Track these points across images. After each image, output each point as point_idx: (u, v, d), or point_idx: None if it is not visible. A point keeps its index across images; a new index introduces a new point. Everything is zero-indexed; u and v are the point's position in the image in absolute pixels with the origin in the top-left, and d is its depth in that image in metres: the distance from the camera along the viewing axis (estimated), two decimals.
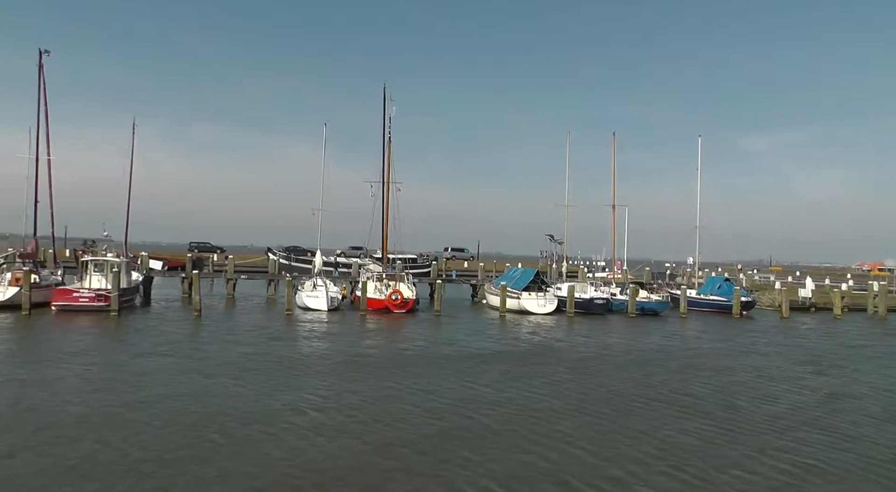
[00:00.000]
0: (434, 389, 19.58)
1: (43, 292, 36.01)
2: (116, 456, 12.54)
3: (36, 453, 12.61)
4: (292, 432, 14.48)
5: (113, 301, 34.61)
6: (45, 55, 41.09)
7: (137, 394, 17.57)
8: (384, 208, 46.21)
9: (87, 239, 51.31)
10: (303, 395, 18.23)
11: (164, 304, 41.52)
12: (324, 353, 25.73)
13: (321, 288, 40.69)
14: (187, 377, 20.02)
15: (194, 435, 14.00)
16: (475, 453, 13.40)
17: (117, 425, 14.55)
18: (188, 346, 26.24)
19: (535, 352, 27.53)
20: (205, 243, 77.76)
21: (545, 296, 42.91)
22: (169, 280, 52.18)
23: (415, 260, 61.59)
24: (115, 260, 38.27)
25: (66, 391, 17.96)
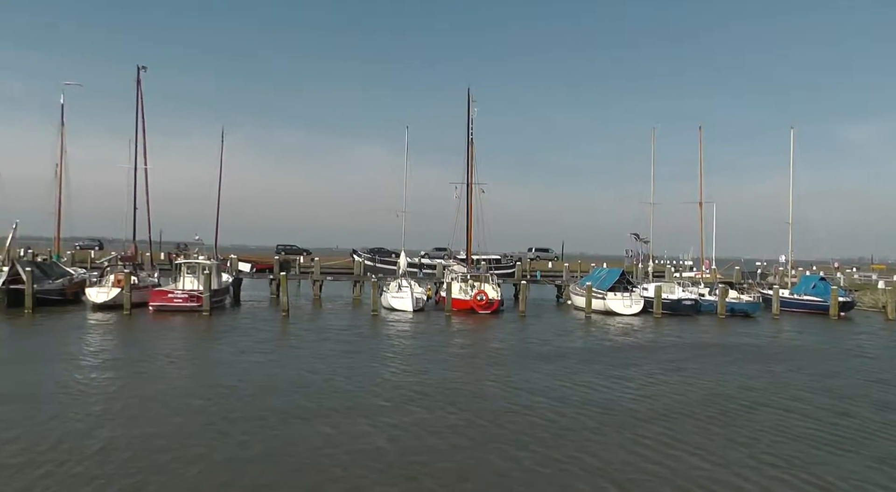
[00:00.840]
0: (531, 388, 19.49)
1: (141, 293, 37.66)
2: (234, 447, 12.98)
3: (165, 439, 13.47)
4: (400, 428, 14.84)
5: (205, 302, 35.93)
6: (142, 71, 43.27)
7: (239, 386, 18.25)
8: (468, 210, 46.49)
9: (180, 243, 53.45)
10: (404, 391, 18.63)
11: (253, 304, 42.74)
12: (415, 351, 26.19)
13: (406, 289, 41.07)
14: (292, 372, 20.82)
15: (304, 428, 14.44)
16: (584, 453, 13.26)
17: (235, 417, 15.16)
18: (283, 344, 27.20)
19: (627, 353, 27.02)
20: (291, 246, 79.68)
21: (631, 296, 42.18)
22: (257, 282, 53.71)
23: (499, 261, 61.57)
24: (207, 262, 39.65)
25: (181, 384, 19.19)
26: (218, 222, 49.58)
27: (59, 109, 47.74)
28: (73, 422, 14.76)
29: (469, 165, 46.58)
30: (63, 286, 39.58)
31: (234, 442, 13.57)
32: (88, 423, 14.69)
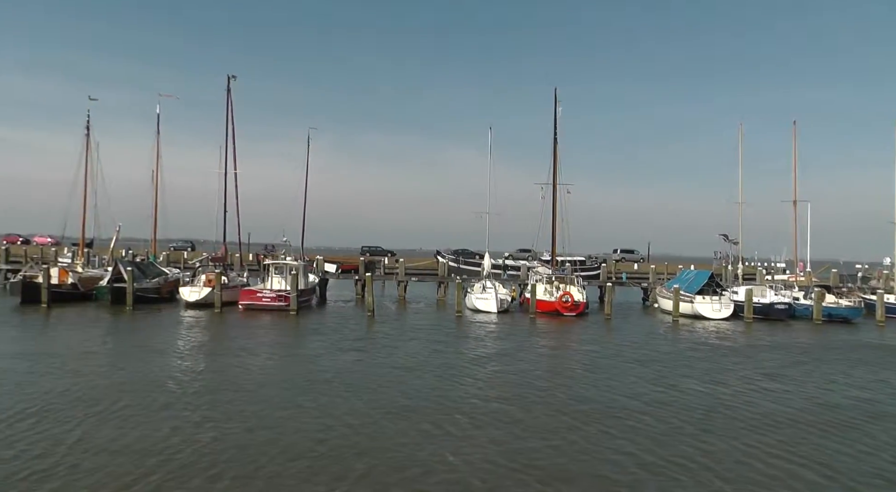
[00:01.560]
0: (629, 391, 19.10)
1: (231, 292, 38.82)
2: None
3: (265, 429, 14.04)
4: (499, 428, 14.81)
5: (292, 301, 36.74)
6: (232, 80, 44.89)
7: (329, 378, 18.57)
8: (553, 210, 46.07)
9: (268, 244, 54.80)
10: (500, 391, 18.61)
11: (338, 304, 43.42)
12: (505, 352, 26.20)
13: (491, 290, 40.90)
14: (384, 370, 21.09)
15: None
16: (690, 461, 12.87)
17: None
18: (372, 343, 27.48)
19: (721, 358, 26.10)
20: (376, 247, 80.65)
21: (720, 300, 40.75)
22: (343, 282, 54.50)
23: (583, 262, 60.72)
24: (294, 263, 40.57)
25: (278, 378, 19.89)
26: (304, 224, 50.72)
27: (156, 119, 49.99)
28: (184, 412, 15.59)
29: (554, 166, 46.19)
30: (159, 285, 41.21)
31: (339, 435, 13.94)
32: (199, 414, 15.44)
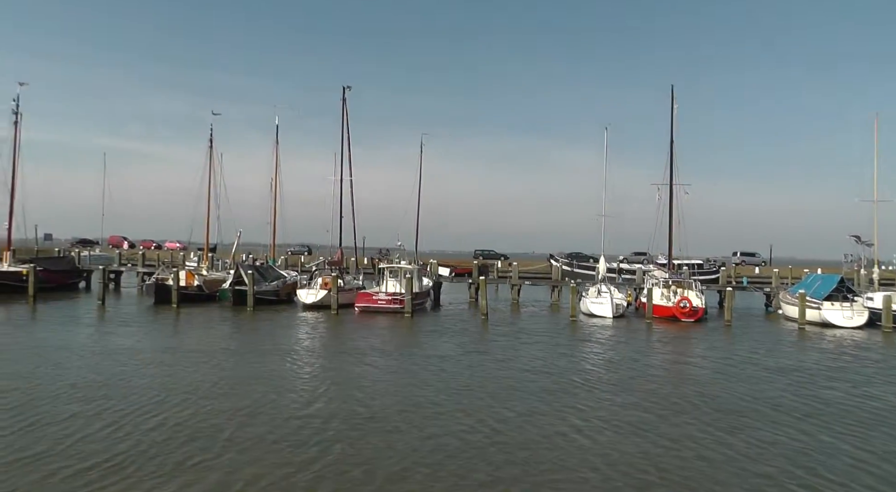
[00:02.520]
0: (774, 403, 17.80)
1: (347, 295, 39.60)
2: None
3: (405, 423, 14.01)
4: (645, 436, 14.14)
5: (407, 304, 37.04)
6: (347, 90, 45.95)
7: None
8: (670, 212, 44.52)
9: (382, 248, 55.56)
10: (634, 397, 17.96)
11: (452, 307, 43.51)
12: (627, 356, 25.34)
13: (606, 294, 39.88)
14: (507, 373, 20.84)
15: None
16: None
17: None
18: (487, 346, 27.31)
19: (865, 369, 24.07)
20: (489, 251, 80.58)
21: (852, 307, 37.95)
22: (456, 286, 54.66)
23: (701, 266, 58.52)
24: (408, 267, 40.95)
25: (400, 379, 20.02)
26: (418, 228, 51.22)
27: (275, 130, 51.89)
28: (312, 406, 16.17)
29: (671, 166, 44.63)
30: (278, 288, 42.54)
31: (484, 437, 13.87)
32: (328, 411, 15.79)
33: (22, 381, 18.15)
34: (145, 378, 19.02)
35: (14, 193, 49.21)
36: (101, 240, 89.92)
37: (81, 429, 13.67)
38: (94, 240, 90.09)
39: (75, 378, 18.78)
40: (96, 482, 10.78)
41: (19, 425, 13.89)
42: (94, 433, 13.40)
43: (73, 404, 15.78)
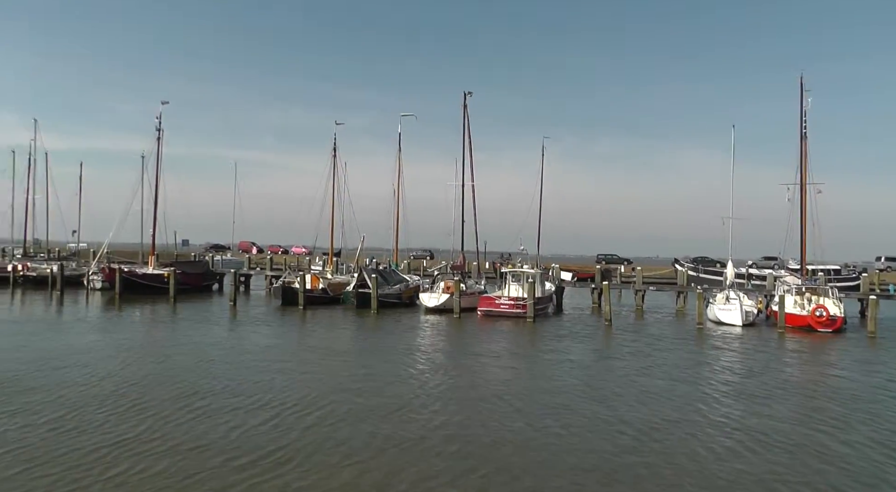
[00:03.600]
0: None
1: (469, 299, 39.50)
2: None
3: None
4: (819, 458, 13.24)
5: (529, 308, 36.54)
6: (468, 96, 45.92)
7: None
8: (801, 213, 41.89)
9: (504, 252, 55.30)
10: (786, 409, 16.77)
11: (574, 313, 42.62)
12: (768, 367, 23.68)
13: (734, 301, 37.93)
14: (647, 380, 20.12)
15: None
16: None
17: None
18: (612, 353, 26.48)
19: None
20: (612, 255, 78.92)
21: None
22: (578, 290, 53.68)
23: (838, 271, 54.99)
24: (531, 271, 40.47)
25: (531, 384, 19.71)
26: (540, 232, 50.47)
27: (397, 137, 52.63)
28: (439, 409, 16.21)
29: (802, 163, 41.86)
30: (400, 291, 42.97)
31: (630, 445, 13.49)
32: (464, 414, 15.76)
33: (188, 373, 19.68)
34: (290, 374, 20.02)
35: (157, 202, 52.76)
36: (232, 245, 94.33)
37: (245, 421, 14.46)
38: (225, 245, 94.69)
39: (227, 372, 20.06)
40: (270, 471, 11.35)
41: (192, 414, 14.92)
42: (258, 426, 14.13)
43: (234, 398, 16.70)
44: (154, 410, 15.20)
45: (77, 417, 14.47)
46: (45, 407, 15.25)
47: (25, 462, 11.43)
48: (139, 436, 13.14)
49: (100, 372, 19.57)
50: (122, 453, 12.06)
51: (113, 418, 14.40)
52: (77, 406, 15.41)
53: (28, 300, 43.45)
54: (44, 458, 11.69)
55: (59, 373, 19.38)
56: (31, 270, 54.35)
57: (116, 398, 16.29)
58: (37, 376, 18.74)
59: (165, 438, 13.06)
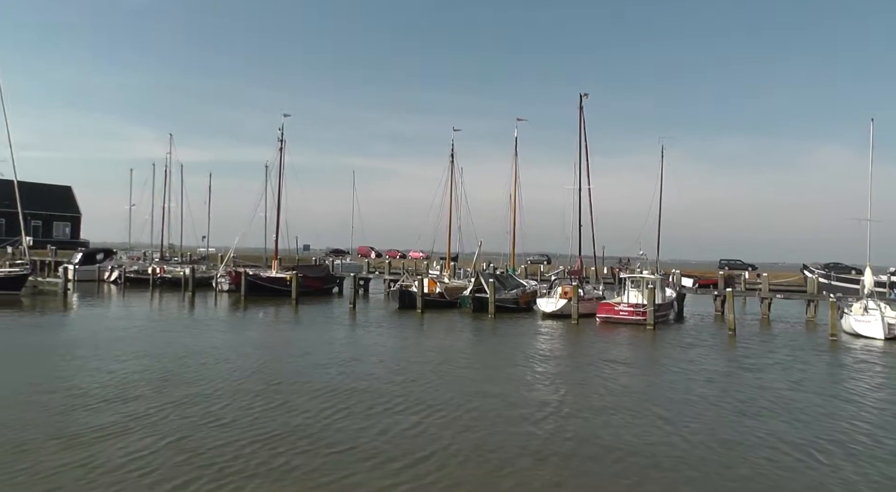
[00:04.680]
0: None
1: (587, 305, 39.06)
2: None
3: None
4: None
5: (649, 315, 35.73)
6: (584, 98, 45.48)
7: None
8: None
9: (623, 257, 54.23)
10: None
11: (696, 320, 41.38)
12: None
13: (875, 312, 35.19)
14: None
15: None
16: None
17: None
18: (741, 365, 25.27)
19: None
20: (735, 261, 76.18)
21: None
22: (700, 297, 52.05)
23: None
24: (650, 277, 39.52)
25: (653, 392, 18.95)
26: (659, 237, 49.48)
27: (513, 142, 52.74)
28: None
29: None
30: (517, 296, 42.98)
31: (794, 467, 12.66)
32: (614, 424, 15.46)
33: (323, 372, 20.67)
34: (423, 377, 20.40)
35: (280, 209, 55.24)
36: (351, 250, 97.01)
37: (395, 423, 14.74)
38: (345, 250, 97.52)
39: (361, 373, 20.75)
40: (425, 477, 11.39)
41: (341, 413, 15.41)
42: (409, 429, 14.32)
43: (378, 398, 17.10)
44: (303, 407, 15.84)
45: (231, 410, 15.41)
46: (204, 400, 16.30)
47: (189, 452, 12.19)
48: (292, 432, 13.70)
49: (244, 368, 20.81)
50: (278, 447, 12.63)
51: (266, 413, 15.20)
52: (231, 400, 16.42)
53: (165, 300, 46.28)
54: (207, 446, 12.51)
55: (208, 369, 20.68)
56: (167, 272, 58.05)
57: (268, 394, 17.16)
58: (190, 371, 20.08)
59: (315, 436, 13.50)
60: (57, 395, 16.54)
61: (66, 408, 15.19)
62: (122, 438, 12.93)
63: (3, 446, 12.21)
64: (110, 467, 11.25)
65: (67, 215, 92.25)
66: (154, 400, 16.19)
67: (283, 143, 55.08)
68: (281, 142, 55.02)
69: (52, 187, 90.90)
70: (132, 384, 18.01)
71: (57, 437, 12.81)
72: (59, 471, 11.02)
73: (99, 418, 14.34)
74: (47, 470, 11.00)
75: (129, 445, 12.47)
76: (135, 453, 12.03)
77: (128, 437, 13.00)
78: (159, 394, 16.87)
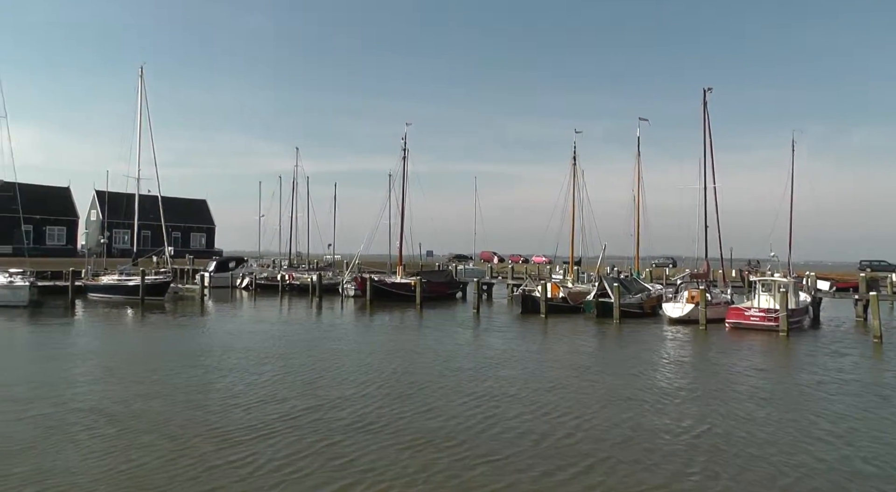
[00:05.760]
0: None
1: (715, 310, 37.81)
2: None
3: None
4: None
5: (782, 321, 34.10)
6: (708, 93, 44.09)
7: None
8: None
9: (752, 259, 52.35)
10: None
11: (833, 327, 39.10)
12: None
13: None
14: None
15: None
16: None
17: None
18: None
19: None
20: (879, 262, 71.67)
21: None
22: (838, 302, 49.25)
23: None
24: (783, 280, 37.81)
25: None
26: (791, 237, 47.28)
27: (635, 142, 51.89)
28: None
29: None
30: (642, 301, 42.21)
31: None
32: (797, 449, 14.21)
33: (468, 376, 20.97)
34: (560, 383, 20.31)
35: (404, 216, 56.74)
36: (474, 255, 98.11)
37: (552, 431, 14.64)
38: (467, 255, 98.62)
39: (501, 378, 20.87)
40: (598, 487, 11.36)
41: (501, 421, 15.43)
42: (563, 438, 14.12)
43: (529, 405, 17.19)
44: (451, 413, 16.04)
45: (381, 413, 15.88)
46: (352, 403, 16.93)
47: (343, 457, 12.51)
48: (445, 438, 13.86)
49: (383, 371, 21.65)
50: (434, 453, 12.79)
51: (416, 418, 15.53)
52: (380, 403, 17.01)
53: (293, 305, 48.49)
54: (362, 450, 12.89)
55: (348, 371, 21.62)
56: (295, 279, 60.83)
57: (414, 398, 17.63)
58: (332, 374, 21.09)
59: (469, 443, 13.56)
60: (212, 395, 17.79)
61: (222, 408, 16.18)
62: (279, 437, 13.60)
63: (170, 441, 13.20)
64: (270, 468, 11.79)
65: (203, 227, 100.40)
66: (303, 402, 16.94)
67: (406, 151, 56.64)
68: (404, 150, 56.61)
69: (190, 201, 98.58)
70: (280, 385, 19.07)
71: (216, 436, 13.65)
72: (220, 469, 11.64)
73: (253, 417, 15.19)
74: (208, 468, 11.66)
75: (286, 446, 13.05)
76: (294, 454, 12.55)
77: (283, 437, 13.62)
78: (307, 396, 17.63)
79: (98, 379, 19.94)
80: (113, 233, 70.28)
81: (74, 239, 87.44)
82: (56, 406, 16.09)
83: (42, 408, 15.83)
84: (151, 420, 14.84)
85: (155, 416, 15.26)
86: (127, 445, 12.92)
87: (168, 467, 11.68)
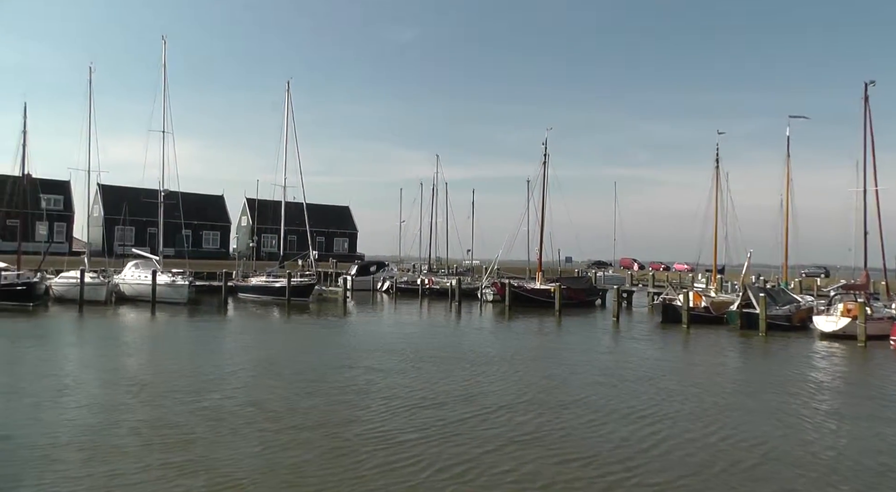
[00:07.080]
0: None
1: (877, 325, 35.01)
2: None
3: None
4: None
5: None
6: (870, 86, 41.25)
7: None
8: None
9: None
10: None
11: None
12: None
13: None
14: None
15: None
16: None
17: None
18: None
19: None
20: None
21: None
22: None
23: None
24: None
25: None
26: None
27: (785, 142, 49.20)
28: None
29: None
30: (790, 313, 39.91)
31: None
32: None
33: (628, 387, 20.39)
34: (717, 399, 19.15)
35: (543, 222, 56.79)
36: (614, 262, 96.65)
37: (710, 451, 13.71)
38: (607, 262, 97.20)
39: (661, 391, 19.98)
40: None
41: (668, 438, 14.58)
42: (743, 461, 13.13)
43: (695, 422, 16.16)
44: (609, 427, 15.35)
45: (541, 422, 15.61)
46: (516, 409, 16.86)
47: (518, 460, 12.68)
48: (610, 452, 13.36)
49: (531, 377, 21.57)
50: (601, 468, 12.34)
51: (578, 430, 15.14)
52: (539, 411, 16.72)
53: (433, 309, 49.73)
54: (532, 459, 12.89)
55: (500, 375, 21.78)
56: (434, 283, 62.23)
57: (571, 408, 17.15)
58: (487, 379, 21.14)
59: (634, 459, 12.95)
60: (372, 395, 18.32)
61: (383, 408, 16.62)
62: (438, 441, 13.72)
63: (331, 440, 13.71)
64: (432, 471, 11.84)
65: (346, 232, 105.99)
66: (461, 407, 16.93)
67: (547, 156, 56.59)
68: (545, 155, 56.58)
69: (333, 208, 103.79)
70: (438, 386, 19.60)
71: (376, 436, 13.98)
72: (382, 471, 11.75)
73: (416, 420, 15.44)
74: (367, 470, 11.78)
75: (446, 450, 13.08)
76: (453, 458, 12.58)
77: (443, 442, 13.67)
78: (464, 402, 17.56)
79: (258, 375, 21.22)
80: (261, 237, 74.59)
81: (227, 243, 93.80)
82: (222, 400, 17.27)
83: (210, 401, 17.05)
84: (311, 418, 15.50)
85: (315, 414, 15.93)
86: (288, 441, 13.56)
87: (330, 465, 12.08)
